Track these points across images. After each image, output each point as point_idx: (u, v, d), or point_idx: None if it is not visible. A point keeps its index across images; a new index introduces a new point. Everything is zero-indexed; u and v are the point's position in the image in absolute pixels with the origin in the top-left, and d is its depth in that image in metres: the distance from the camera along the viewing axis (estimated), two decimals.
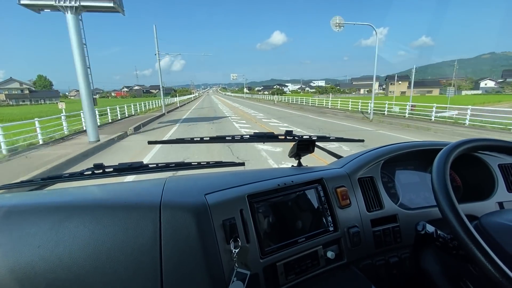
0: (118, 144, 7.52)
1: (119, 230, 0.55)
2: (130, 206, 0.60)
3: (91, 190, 0.73)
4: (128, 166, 0.87)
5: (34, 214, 0.57)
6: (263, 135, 1.04)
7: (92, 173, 0.87)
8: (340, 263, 0.77)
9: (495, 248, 0.55)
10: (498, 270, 0.47)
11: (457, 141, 0.66)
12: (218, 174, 0.90)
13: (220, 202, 0.66)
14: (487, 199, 0.93)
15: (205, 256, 0.58)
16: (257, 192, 0.72)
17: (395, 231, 0.85)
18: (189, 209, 0.61)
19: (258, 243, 0.66)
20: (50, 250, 0.52)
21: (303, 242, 0.73)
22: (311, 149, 1.06)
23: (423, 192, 1.02)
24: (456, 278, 0.72)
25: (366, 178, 0.89)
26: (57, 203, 0.61)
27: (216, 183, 0.75)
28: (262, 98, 44.90)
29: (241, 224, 0.65)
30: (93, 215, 0.57)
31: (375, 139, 7.67)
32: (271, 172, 0.88)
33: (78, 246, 0.53)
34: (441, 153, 0.64)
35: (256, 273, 0.64)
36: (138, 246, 0.55)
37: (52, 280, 0.51)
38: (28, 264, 0.51)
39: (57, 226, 0.55)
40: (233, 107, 23.47)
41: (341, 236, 0.78)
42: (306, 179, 0.81)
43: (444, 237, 0.66)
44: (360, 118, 13.21)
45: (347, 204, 0.81)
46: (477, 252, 0.49)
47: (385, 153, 0.96)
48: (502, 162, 0.99)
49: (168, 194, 0.66)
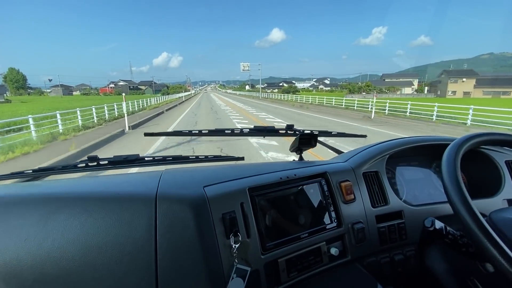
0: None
1: (111, 223, 0.52)
2: (123, 198, 0.57)
3: (82, 181, 0.69)
4: (124, 159, 0.84)
5: (21, 206, 0.54)
6: (263, 129, 1.01)
7: (86, 166, 0.83)
8: (344, 260, 0.75)
9: (507, 244, 0.53)
10: None
11: (467, 134, 0.64)
12: (217, 167, 0.87)
13: (219, 195, 0.63)
14: (494, 196, 0.91)
15: (204, 251, 0.55)
16: (259, 185, 0.69)
17: (401, 228, 0.83)
18: (187, 202, 0.57)
19: (259, 238, 0.63)
20: (38, 244, 0.49)
21: (306, 238, 0.70)
22: (313, 143, 1.03)
23: (428, 188, 1.00)
24: (464, 276, 0.70)
25: (371, 172, 0.87)
26: (46, 195, 0.58)
27: (216, 176, 0.72)
28: (282, 99, 30.65)
29: (241, 218, 0.62)
30: (84, 207, 0.54)
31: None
32: (272, 165, 0.85)
33: (68, 240, 0.50)
34: (450, 148, 0.62)
35: (257, 270, 0.62)
36: (132, 240, 0.52)
37: (39, 276, 0.48)
38: (14, 258, 0.48)
39: (46, 218, 0.51)
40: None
41: (345, 232, 0.76)
42: (310, 172, 0.78)
43: (453, 233, 0.63)
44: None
45: (352, 199, 0.78)
46: (491, 248, 0.47)
47: (390, 148, 0.94)
48: (510, 158, 0.97)
49: (164, 185, 0.63)
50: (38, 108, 19.01)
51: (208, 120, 11.79)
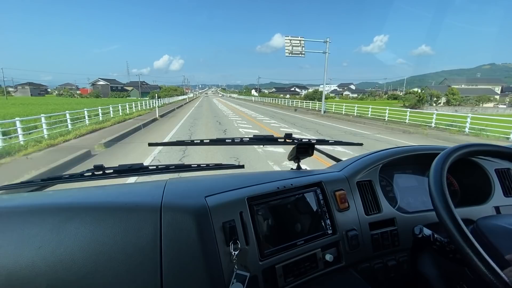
0: None
1: (120, 231, 0.56)
2: (131, 207, 0.60)
3: (91, 191, 0.73)
4: (128, 167, 0.87)
5: (35, 215, 0.57)
6: (263, 138, 1.05)
7: (92, 174, 0.87)
8: (338, 266, 0.78)
9: (491, 250, 0.56)
10: (493, 272, 0.47)
11: (455, 145, 0.67)
12: (218, 176, 0.91)
13: (220, 205, 0.66)
14: (484, 203, 0.94)
15: (205, 258, 0.58)
16: (257, 195, 0.72)
17: (393, 235, 0.86)
18: (189, 211, 0.61)
19: (257, 246, 0.67)
20: (51, 251, 0.53)
21: (302, 244, 0.73)
22: (310, 152, 1.07)
23: (421, 196, 1.03)
24: (453, 281, 0.73)
25: (364, 181, 0.90)
26: (58, 204, 0.62)
27: (216, 185, 0.76)
28: (312, 108, 21.93)
29: (240, 227, 0.66)
30: (94, 216, 0.57)
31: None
32: (270, 175, 0.88)
33: (79, 247, 0.53)
34: (439, 158, 0.65)
35: (255, 275, 0.65)
36: (139, 248, 0.55)
37: (53, 281, 0.51)
38: (29, 265, 0.51)
39: (58, 227, 0.55)
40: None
41: (340, 239, 0.79)
42: (305, 182, 0.82)
43: (441, 240, 0.67)
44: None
45: (346, 207, 0.82)
46: (472, 255, 0.50)
47: (384, 157, 0.97)
48: (499, 167, 1.00)
49: (168, 196, 0.66)
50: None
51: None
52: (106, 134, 8.40)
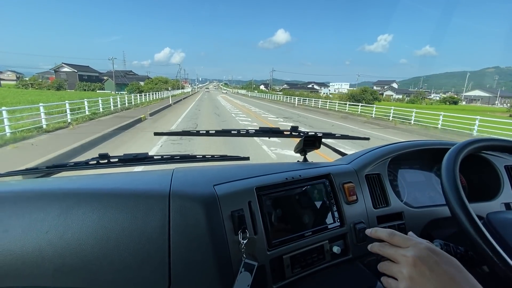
0: None
1: (127, 218, 0.55)
2: (138, 194, 0.60)
3: (98, 178, 0.72)
4: (133, 157, 0.87)
5: (42, 200, 0.57)
6: (269, 130, 1.04)
7: (97, 163, 0.86)
8: (345, 258, 0.77)
9: (503, 244, 0.55)
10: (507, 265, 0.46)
11: (467, 140, 0.66)
12: (225, 166, 0.90)
13: (229, 194, 0.65)
14: (492, 199, 0.93)
15: (214, 246, 0.57)
16: (265, 185, 0.72)
17: (401, 229, 0.85)
18: (198, 199, 0.60)
19: (265, 235, 0.66)
20: (58, 236, 0.52)
21: (310, 236, 0.72)
22: (317, 145, 1.06)
23: (428, 191, 1.02)
24: None
25: (373, 175, 0.89)
26: (66, 190, 0.61)
27: (224, 175, 0.75)
28: (363, 114, 16.31)
29: (249, 216, 0.65)
30: (102, 202, 0.57)
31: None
32: (278, 166, 0.87)
33: (86, 233, 0.53)
34: (451, 152, 0.64)
35: (263, 265, 0.64)
36: (147, 235, 0.54)
37: (59, 266, 0.51)
38: (36, 249, 0.51)
39: (66, 212, 0.54)
40: None
41: (347, 232, 0.78)
42: (314, 174, 0.81)
43: (461, 252, 0.65)
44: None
45: (354, 200, 0.81)
46: (486, 248, 0.49)
47: (392, 151, 0.96)
48: (509, 164, 0.99)
49: (176, 184, 0.65)
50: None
51: None
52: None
